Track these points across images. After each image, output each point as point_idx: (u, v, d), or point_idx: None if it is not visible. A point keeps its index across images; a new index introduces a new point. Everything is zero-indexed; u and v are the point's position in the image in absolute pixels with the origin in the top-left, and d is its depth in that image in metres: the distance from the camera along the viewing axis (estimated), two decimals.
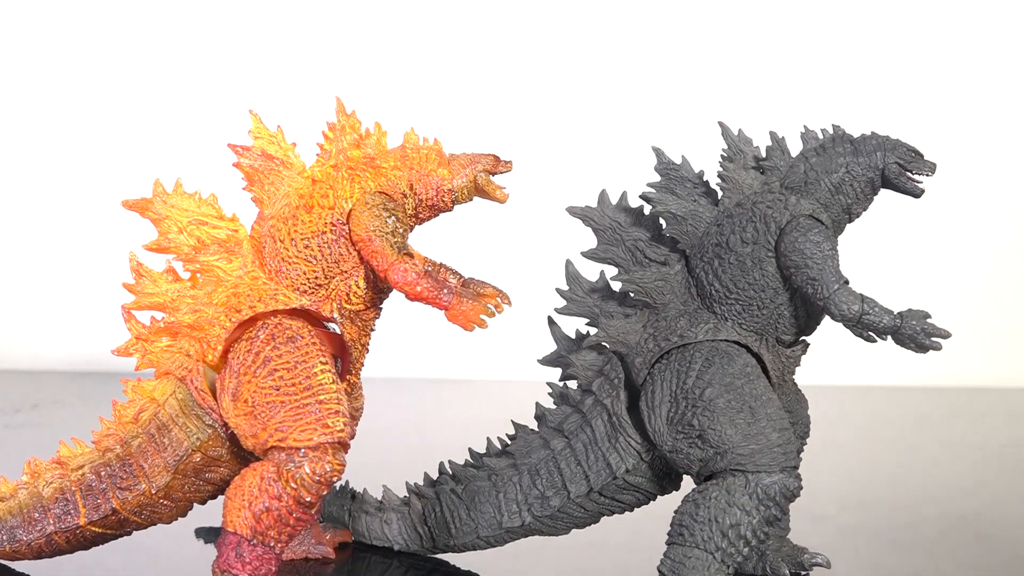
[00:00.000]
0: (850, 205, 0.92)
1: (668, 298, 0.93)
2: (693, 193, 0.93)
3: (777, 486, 0.86)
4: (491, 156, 0.95)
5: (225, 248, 0.92)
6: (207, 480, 0.93)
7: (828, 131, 0.94)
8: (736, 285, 0.90)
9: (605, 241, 0.95)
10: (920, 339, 0.86)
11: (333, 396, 0.87)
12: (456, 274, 0.92)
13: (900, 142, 0.92)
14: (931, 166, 0.91)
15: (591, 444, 0.94)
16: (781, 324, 0.91)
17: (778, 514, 0.87)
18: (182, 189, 0.93)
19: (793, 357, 0.94)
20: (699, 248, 0.92)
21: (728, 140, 0.94)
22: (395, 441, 1.05)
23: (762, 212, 0.90)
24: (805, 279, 0.88)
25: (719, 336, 0.90)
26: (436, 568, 1.00)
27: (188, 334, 0.92)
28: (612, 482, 0.93)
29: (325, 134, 0.95)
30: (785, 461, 0.87)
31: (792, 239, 0.88)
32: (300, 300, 0.92)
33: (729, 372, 0.89)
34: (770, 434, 0.87)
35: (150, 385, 0.93)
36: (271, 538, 0.86)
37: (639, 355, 0.92)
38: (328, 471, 0.86)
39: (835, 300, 0.87)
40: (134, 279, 0.93)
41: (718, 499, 0.86)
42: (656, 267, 0.93)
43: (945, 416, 1.91)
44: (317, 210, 0.92)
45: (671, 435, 0.90)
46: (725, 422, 0.87)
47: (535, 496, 0.95)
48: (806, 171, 0.92)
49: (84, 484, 0.92)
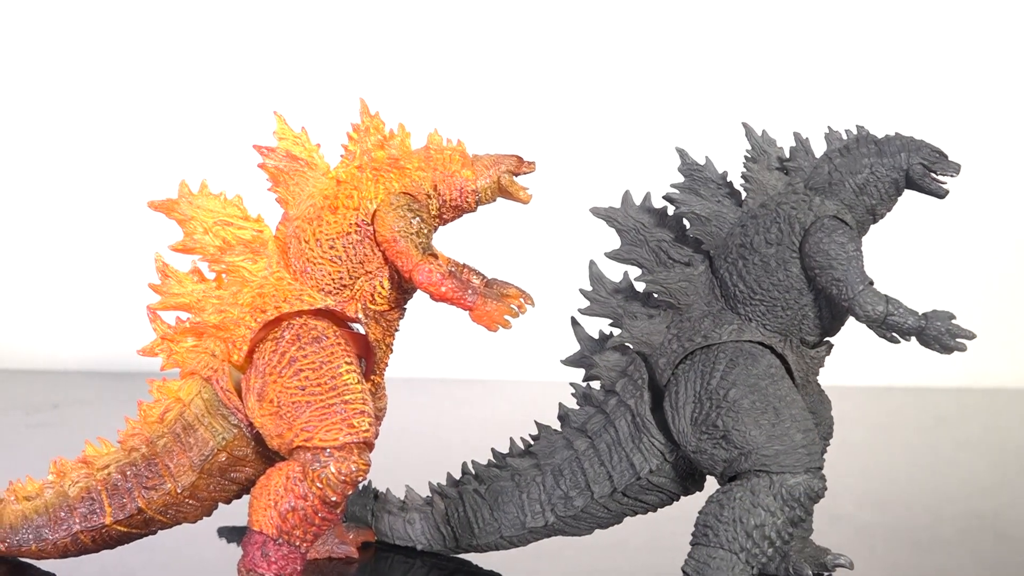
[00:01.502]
0: (874, 206, 0.92)
1: (692, 299, 0.93)
2: (717, 194, 0.93)
3: (802, 487, 0.86)
4: (514, 157, 0.95)
5: (250, 249, 0.93)
6: (232, 480, 0.93)
7: (852, 132, 0.94)
8: (760, 286, 0.90)
9: (629, 242, 0.95)
10: (945, 340, 0.86)
11: (359, 396, 0.88)
12: (479, 274, 0.92)
13: (925, 143, 0.92)
14: (955, 167, 0.91)
15: (615, 444, 0.94)
16: (805, 325, 0.91)
17: (802, 515, 0.87)
18: (208, 190, 0.94)
19: (817, 358, 0.94)
20: (723, 249, 0.92)
21: (752, 141, 0.94)
22: (418, 441, 1.05)
23: (786, 213, 0.90)
24: (830, 280, 0.88)
25: (743, 337, 0.90)
26: (459, 568, 1.00)
27: (214, 334, 0.92)
28: (636, 482, 0.93)
29: (349, 135, 0.95)
30: (810, 462, 0.87)
31: (817, 240, 0.88)
32: (325, 301, 0.92)
33: (753, 373, 0.89)
34: (794, 435, 0.87)
35: (175, 385, 0.94)
36: (297, 537, 0.87)
37: (663, 356, 0.92)
38: (354, 471, 0.86)
39: (860, 301, 0.87)
40: (160, 279, 0.93)
41: (743, 500, 0.86)
42: (680, 268, 0.93)
43: (963, 416, 1.90)
44: (342, 211, 0.92)
45: (695, 436, 0.90)
46: (749, 423, 0.88)
47: (559, 496, 0.95)
48: (830, 172, 0.92)
49: (110, 483, 0.92)
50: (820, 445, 0.90)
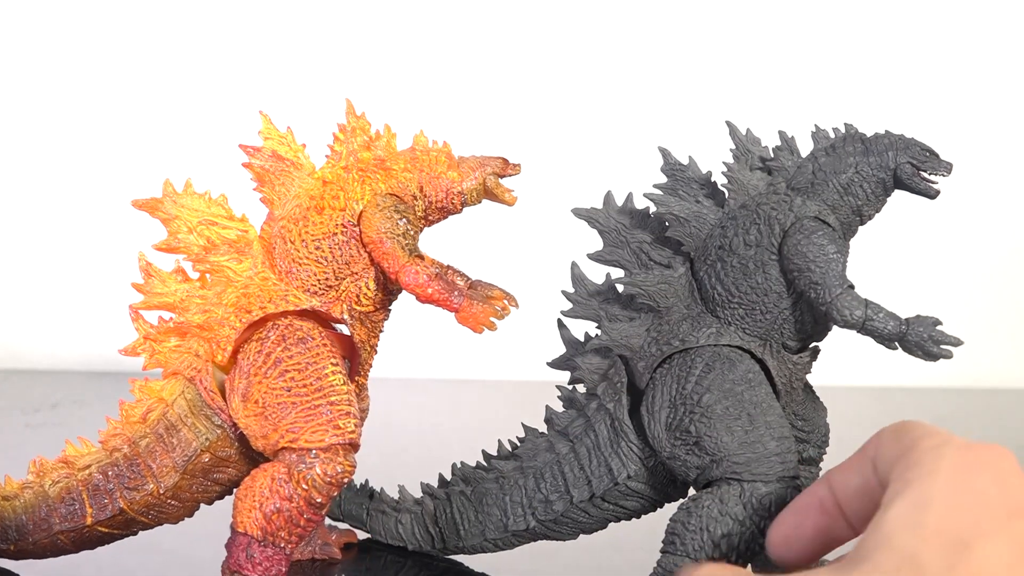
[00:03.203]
0: (860, 207, 0.89)
1: (672, 301, 0.91)
2: (698, 194, 0.91)
3: (773, 496, 0.83)
4: (500, 159, 0.94)
5: (235, 249, 0.93)
6: (215, 480, 0.93)
7: (841, 130, 0.91)
8: (738, 288, 0.88)
9: (610, 243, 0.93)
10: (927, 347, 0.83)
11: (344, 397, 0.88)
12: (464, 276, 0.91)
13: (914, 141, 0.89)
14: (947, 166, 0.88)
15: (594, 449, 0.93)
16: (786, 329, 0.89)
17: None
18: (192, 189, 0.94)
19: (801, 364, 0.91)
20: (703, 251, 0.90)
21: (736, 140, 0.92)
22: (415, 441, 1.05)
23: (766, 214, 0.87)
24: (808, 283, 0.85)
25: (721, 341, 0.88)
26: (449, 569, 1.00)
27: (197, 334, 0.92)
28: (614, 488, 0.92)
29: (335, 135, 0.95)
30: (783, 471, 0.84)
31: (795, 241, 0.86)
32: (310, 301, 0.92)
33: (729, 378, 0.86)
34: (768, 442, 0.85)
35: (158, 385, 0.94)
36: (282, 539, 0.87)
37: (642, 359, 0.90)
38: (339, 472, 0.86)
39: (837, 305, 0.84)
40: (143, 279, 0.94)
41: (710, 508, 0.83)
42: (659, 270, 0.91)
43: (965, 417, 1.89)
44: (328, 211, 0.92)
45: (669, 441, 0.88)
46: (722, 429, 0.85)
47: (539, 500, 0.94)
48: (814, 171, 0.89)
49: (91, 484, 0.92)
50: (795, 454, 0.86)
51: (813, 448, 0.95)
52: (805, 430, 0.95)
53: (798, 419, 0.95)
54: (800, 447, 0.95)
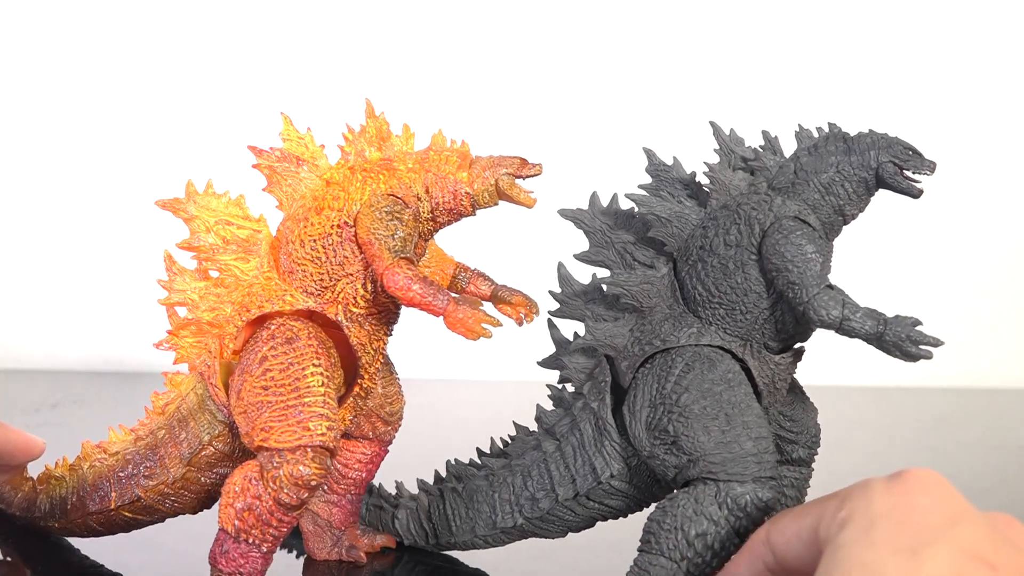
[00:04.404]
0: (842, 206, 0.89)
1: (654, 301, 0.91)
2: (680, 195, 0.90)
3: (748, 496, 0.83)
4: (517, 159, 0.92)
5: (243, 248, 0.93)
6: (220, 475, 0.95)
7: (825, 130, 0.90)
8: (719, 289, 0.88)
9: (596, 244, 0.93)
10: (906, 347, 0.82)
11: (319, 399, 0.87)
12: (489, 281, 0.92)
13: (897, 140, 0.88)
14: (930, 165, 0.87)
15: (579, 448, 0.93)
16: (767, 330, 0.88)
17: (748, 525, 0.83)
18: (212, 189, 0.95)
19: (783, 364, 0.90)
20: (684, 251, 0.90)
21: (719, 140, 0.92)
22: (412, 439, 1.06)
23: (746, 214, 0.87)
24: (785, 283, 0.85)
25: (702, 341, 0.88)
26: (443, 565, 1.01)
27: (208, 331, 0.94)
28: (598, 487, 0.92)
29: (345, 136, 0.94)
30: (759, 471, 0.84)
31: (774, 241, 0.85)
32: (307, 302, 0.92)
33: (708, 378, 0.86)
34: (744, 442, 0.84)
35: (180, 379, 0.96)
36: (255, 536, 0.87)
37: (626, 359, 0.91)
38: (305, 475, 0.85)
39: (814, 305, 0.84)
40: (168, 276, 0.95)
41: (685, 507, 0.83)
42: (642, 270, 0.91)
43: (963, 416, 1.87)
44: (327, 212, 0.91)
45: (649, 440, 0.88)
46: (699, 428, 0.85)
47: (526, 498, 0.95)
48: (796, 171, 0.89)
49: (117, 470, 0.96)
50: (774, 455, 0.86)
51: (803, 449, 0.95)
52: (794, 431, 0.95)
53: (786, 420, 0.94)
54: (789, 448, 0.95)
